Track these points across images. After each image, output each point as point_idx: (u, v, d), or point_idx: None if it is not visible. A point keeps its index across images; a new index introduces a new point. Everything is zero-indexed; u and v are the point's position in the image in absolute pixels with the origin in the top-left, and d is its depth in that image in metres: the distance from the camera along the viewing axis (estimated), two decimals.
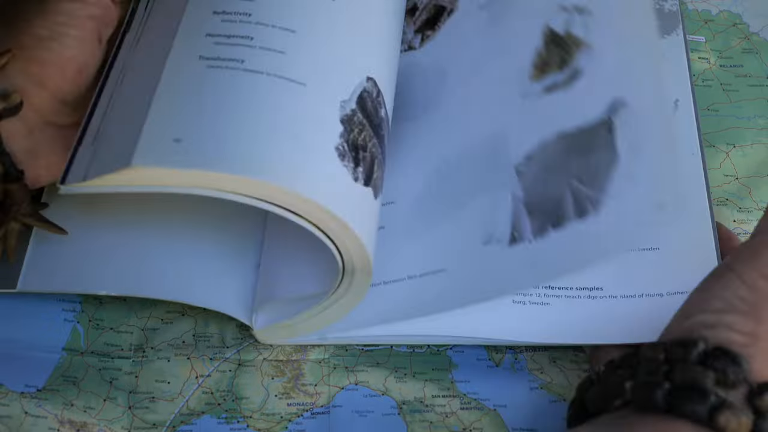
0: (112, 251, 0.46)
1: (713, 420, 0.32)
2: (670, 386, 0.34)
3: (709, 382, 0.33)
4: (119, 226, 0.46)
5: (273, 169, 0.35)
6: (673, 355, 0.35)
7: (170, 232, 0.46)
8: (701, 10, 0.59)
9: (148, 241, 0.46)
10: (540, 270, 0.43)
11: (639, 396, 0.34)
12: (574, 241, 0.43)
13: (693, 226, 0.48)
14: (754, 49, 0.57)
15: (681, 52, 0.54)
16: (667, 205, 0.39)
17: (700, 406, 0.33)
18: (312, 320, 0.43)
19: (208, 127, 0.36)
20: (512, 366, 0.46)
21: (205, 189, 0.36)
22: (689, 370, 0.34)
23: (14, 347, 0.45)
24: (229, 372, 0.45)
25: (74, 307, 0.47)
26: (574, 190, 0.44)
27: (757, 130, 0.54)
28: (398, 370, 0.46)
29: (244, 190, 0.35)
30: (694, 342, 0.35)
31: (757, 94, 0.56)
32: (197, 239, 0.46)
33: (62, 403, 0.44)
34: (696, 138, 0.51)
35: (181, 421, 0.44)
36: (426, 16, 0.53)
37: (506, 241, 0.44)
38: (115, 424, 0.44)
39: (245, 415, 0.44)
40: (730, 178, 0.52)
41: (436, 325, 0.45)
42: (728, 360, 0.34)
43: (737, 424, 0.32)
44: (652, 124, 0.43)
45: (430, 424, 0.44)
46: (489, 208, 0.45)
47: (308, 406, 0.45)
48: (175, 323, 0.47)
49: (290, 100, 0.38)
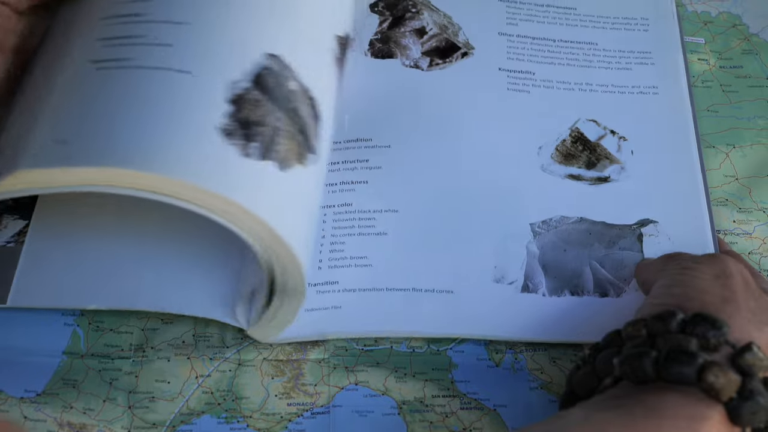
0: (99, 266, 0.46)
1: (702, 379, 0.33)
2: (657, 354, 0.34)
3: (693, 346, 0.34)
4: (106, 242, 0.47)
5: (152, 158, 0.36)
6: (654, 329, 0.36)
7: (156, 243, 0.47)
8: (701, 12, 0.59)
9: (134, 255, 0.46)
10: (550, 326, 0.46)
11: (628, 368, 0.35)
12: (594, 311, 0.46)
13: (692, 229, 0.48)
14: (753, 50, 0.58)
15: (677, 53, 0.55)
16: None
17: (688, 368, 0.33)
18: (273, 313, 0.43)
19: (93, 125, 0.37)
20: (512, 366, 0.46)
21: (95, 185, 0.36)
22: (672, 338, 0.35)
23: (13, 353, 0.45)
24: (229, 372, 0.45)
25: (74, 311, 0.47)
26: (595, 271, 0.47)
27: (757, 130, 0.54)
28: (398, 370, 0.46)
29: (127, 182, 0.36)
30: (672, 313, 0.36)
31: (756, 95, 0.56)
32: (180, 249, 0.47)
33: (62, 406, 0.44)
34: (694, 139, 0.51)
35: (181, 421, 0.44)
36: (436, 44, 0.54)
37: (519, 287, 0.47)
38: (115, 424, 0.44)
39: (245, 415, 0.44)
40: (729, 178, 0.52)
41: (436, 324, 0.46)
42: (708, 324, 0.35)
43: (726, 380, 0.33)
44: (682, 240, 0.48)
45: (430, 424, 0.44)
46: (502, 250, 0.48)
47: (308, 406, 0.45)
48: (175, 323, 0.47)
49: (174, 90, 0.38)
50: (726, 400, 0.33)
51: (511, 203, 0.49)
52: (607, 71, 0.54)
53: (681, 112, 0.52)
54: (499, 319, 0.46)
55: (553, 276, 0.47)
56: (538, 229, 0.48)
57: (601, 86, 0.53)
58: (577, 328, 0.46)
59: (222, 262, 0.46)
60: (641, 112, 0.52)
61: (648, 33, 0.56)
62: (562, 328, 0.46)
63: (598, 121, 0.52)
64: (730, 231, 0.50)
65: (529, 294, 0.46)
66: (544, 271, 0.47)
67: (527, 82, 0.53)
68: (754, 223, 0.51)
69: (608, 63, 0.54)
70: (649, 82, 0.53)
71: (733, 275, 0.39)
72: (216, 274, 0.46)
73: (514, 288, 0.46)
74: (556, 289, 0.46)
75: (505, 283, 0.46)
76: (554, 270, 0.47)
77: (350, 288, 0.46)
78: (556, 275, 0.47)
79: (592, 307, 0.46)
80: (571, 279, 0.47)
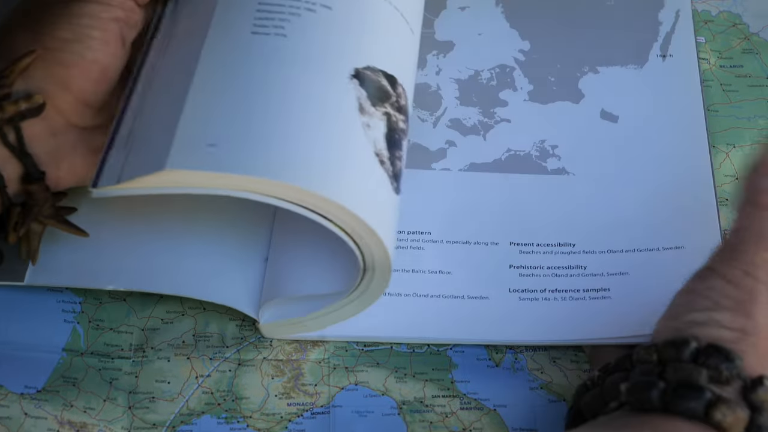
0: (118, 247, 0.46)
1: (709, 416, 0.32)
2: (665, 385, 0.34)
3: (703, 379, 0.33)
4: (126, 221, 0.47)
5: (303, 173, 0.36)
6: (666, 356, 0.35)
7: (177, 227, 0.47)
8: (701, 11, 0.59)
9: (155, 236, 0.46)
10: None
11: (634, 396, 0.34)
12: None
13: (700, 228, 0.48)
14: (754, 49, 0.57)
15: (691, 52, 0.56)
16: None
17: (696, 403, 0.33)
18: (321, 318, 0.43)
19: (241, 130, 0.37)
20: (512, 366, 0.46)
21: (235, 190, 0.36)
22: (682, 369, 0.34)
23: (14, 348, 0.45)
24: (229, 372, 0.45)
25: (74, 308, 0.47)
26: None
27: (757, 130, 0.54)
28: (398, 370, 0.46)
29: (274, 192, 0.36)
30: (686, 341, 0.35)
31: (757, 95, 0.56)
32: (204, 233, 0.47)
33: (62, 404, 0.44)
34: (705, 138, 0.51)
35: (181, 421, 0.44)
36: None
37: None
38: (115, 424, 0.44)
39: (245, 415, 0.44)
40: (730, 178, 0.52)
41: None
42: (721, 357, 0.34)
43: (734, 418, 0.32)
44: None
45: (430, 424, 0.44)
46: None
47: (308, 406, 0.45)
48: (175, 323, 0.47)
49: (331, 96, 0.38)
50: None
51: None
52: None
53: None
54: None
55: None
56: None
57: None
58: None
59: (250, 254, 0.46)
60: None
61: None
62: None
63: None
64: (729, 231, 0.50)
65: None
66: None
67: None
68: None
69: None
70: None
71: (757, 302, 0.38)
72: (241, 264, 0.46)
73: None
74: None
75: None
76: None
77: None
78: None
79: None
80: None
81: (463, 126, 0.53)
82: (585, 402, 0.37)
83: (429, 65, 0.55)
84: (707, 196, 0.50)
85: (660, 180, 0.51)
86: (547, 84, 0.54)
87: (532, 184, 0.50)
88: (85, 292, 0.47)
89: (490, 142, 0.52)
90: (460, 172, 0.51)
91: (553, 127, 0.53)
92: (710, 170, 0.51)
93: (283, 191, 0.36)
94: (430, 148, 0.52)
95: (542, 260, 0.48)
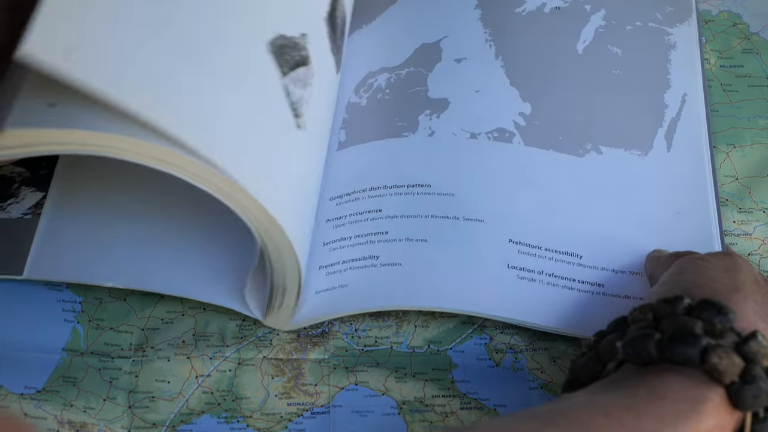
0: (119, 244, 0.46)
1: (705, 361, 0.33)
2: (661, 336, 0.35)
3: (697, 329, 0.34)
4: (127, 220, 0.47)
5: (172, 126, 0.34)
6: (661, 312, 0.36)
7: (177, 228, 0.47)
8: (701, 11, 0.59)
9: (155, 236, 0.46)
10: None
11: (632, 349, 0.35)
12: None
13: (699, 226, 0.48)
14: (754, 49, 0.57)
15: (693, 43, 0.55)
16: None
17: (692, 349, 0.33)
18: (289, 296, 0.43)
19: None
20: (512, 366, 0.46)
21: (83, 149, 0.34)
22: (678, 320, 0.35)
23: (13, 349, 0.45)
24: (229, 371, 0.45)
25: (74, 307, 0.47)
26: None
27: (757, 130, 0.54)
28: (398, 370, 0.46)
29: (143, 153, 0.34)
30: (680, 297, 0.36)
31: (757, 95, 0.56)
32: (204, 234, 0.47)
33: (62, 404, 0.44)
34: (705, 133, 0.51)
35: (181, 421, 0.44)
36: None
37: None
38: (115, 424, 0.44)
39: (245, 414, 0.44)
40: (730, 178, 0.52)
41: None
42: (714, 310, 0.35)
43: (729, 362, 0.33)
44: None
45: (430, 424, 0.44)
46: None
47: (308, 405, 0.45)
48: (175, 323, 0.47)
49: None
50: (728, 383, 0.33)
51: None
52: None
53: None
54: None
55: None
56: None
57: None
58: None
59: (242, 255, 0.46)
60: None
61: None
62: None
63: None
64: (730, 231, 0.50)
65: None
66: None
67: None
68: (754, 224, 0.51)
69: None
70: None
71: (742, 270, 0.39)
72: (236, 265, 0.46)
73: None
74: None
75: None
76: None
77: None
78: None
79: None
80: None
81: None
82: (581, 365, 0.38)
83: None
84: (707, 196, 0.49)
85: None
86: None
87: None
88: (85, 292, 0.47)
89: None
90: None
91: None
92: (710, 170, 0.51)
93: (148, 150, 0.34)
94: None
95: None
